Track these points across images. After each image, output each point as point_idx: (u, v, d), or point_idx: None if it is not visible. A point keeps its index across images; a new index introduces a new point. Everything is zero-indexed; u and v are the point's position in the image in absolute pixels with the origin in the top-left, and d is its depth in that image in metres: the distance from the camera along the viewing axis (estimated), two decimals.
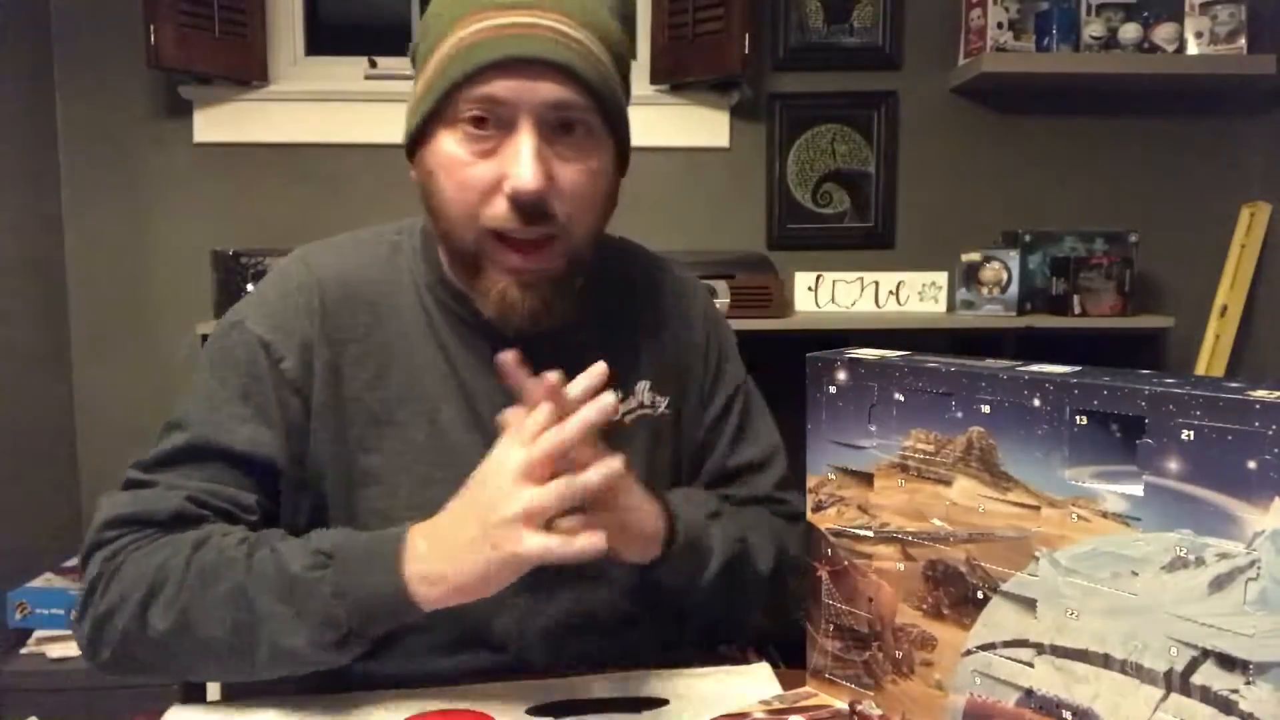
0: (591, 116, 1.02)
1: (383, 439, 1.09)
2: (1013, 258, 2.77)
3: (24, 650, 2.43)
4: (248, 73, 2.82)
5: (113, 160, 2.85)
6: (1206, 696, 0.69)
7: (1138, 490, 0.71)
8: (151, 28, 2.60)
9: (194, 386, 1.09)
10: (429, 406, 1.10)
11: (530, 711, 0.96)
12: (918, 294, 2.85)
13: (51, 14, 2.80)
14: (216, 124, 2.86)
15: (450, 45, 0.99)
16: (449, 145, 1.01)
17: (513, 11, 0.98)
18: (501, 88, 0.97)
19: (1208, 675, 0.69)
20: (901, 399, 0.84)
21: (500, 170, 0.99)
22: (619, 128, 1.08)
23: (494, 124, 0.99)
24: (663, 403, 1.21)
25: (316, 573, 0.93)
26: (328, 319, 1.09)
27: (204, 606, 0.94)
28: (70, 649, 2.41)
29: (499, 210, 1.00)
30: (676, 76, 2.91)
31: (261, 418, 1.06)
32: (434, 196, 1.04)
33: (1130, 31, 2.83)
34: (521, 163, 0.97)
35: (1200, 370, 2.96)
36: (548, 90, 0.98)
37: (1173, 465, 0.70)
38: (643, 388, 1.19)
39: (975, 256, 2.79)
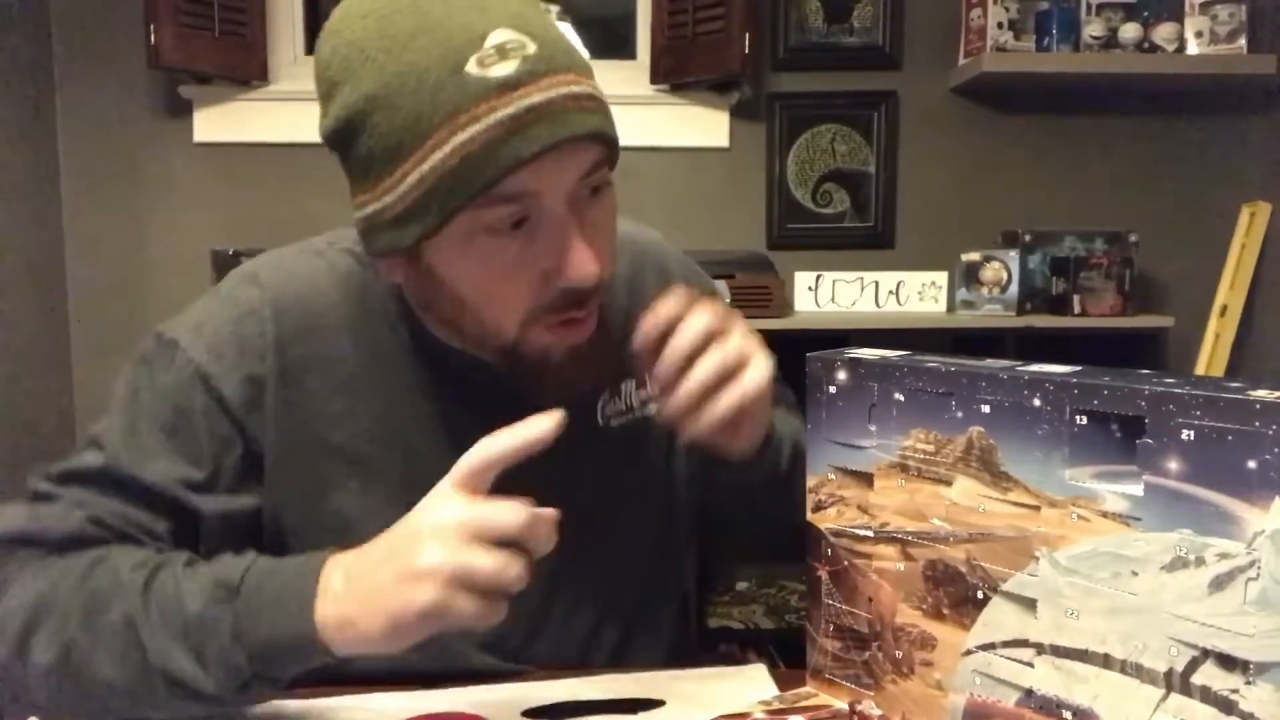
0: (607, 166, 0.92)
1: (351, 479, 1.00)
2: (1013, 258, 2.77)
3: None
4: (248, 72, 2.82)
5: (113, 160, 2.86)
6: (1207, 696, 0.69)
7: (1138, 490, 0.71)
8: (151, 28, 2.61)
9: (117, 403, 0.97)
10: (404, 442, 1.00)
11: (526, 714, 0.96)
12: (918, 294, 2.85)
13: (51, 14, 2.80)
14: (216, 124, 2.87)
15: (453, 147, 0.82)
16: (477, 252, 0.88)
17: (514, 92, 0.82)
18: (533, 180, 0.84)
19: (1208, 675, 0.69)
20: (901, 399, 0.84)
21: (545, 262, 0.88)
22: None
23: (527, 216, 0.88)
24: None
25: (215, 610, 0.81)
26: (285, 351, 0.97)
27: (91, 639, 0.83)
28: None
29: (550, 300, 0.90)
30: (676, 76, 2.92)
31: (185, 455, 0.95)
32: (454, 302, 0.93)
33: (1130, 31, 2.83)
34: (577, 255, 0.87)
35: (1200, 370, 2.96)
36: (580, 163, 0.87)
37: (1173, 465, 0.69)
38: (629, 388, 1.12)
39: (975, 256, 2.79)
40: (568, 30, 2.82)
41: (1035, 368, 0.79)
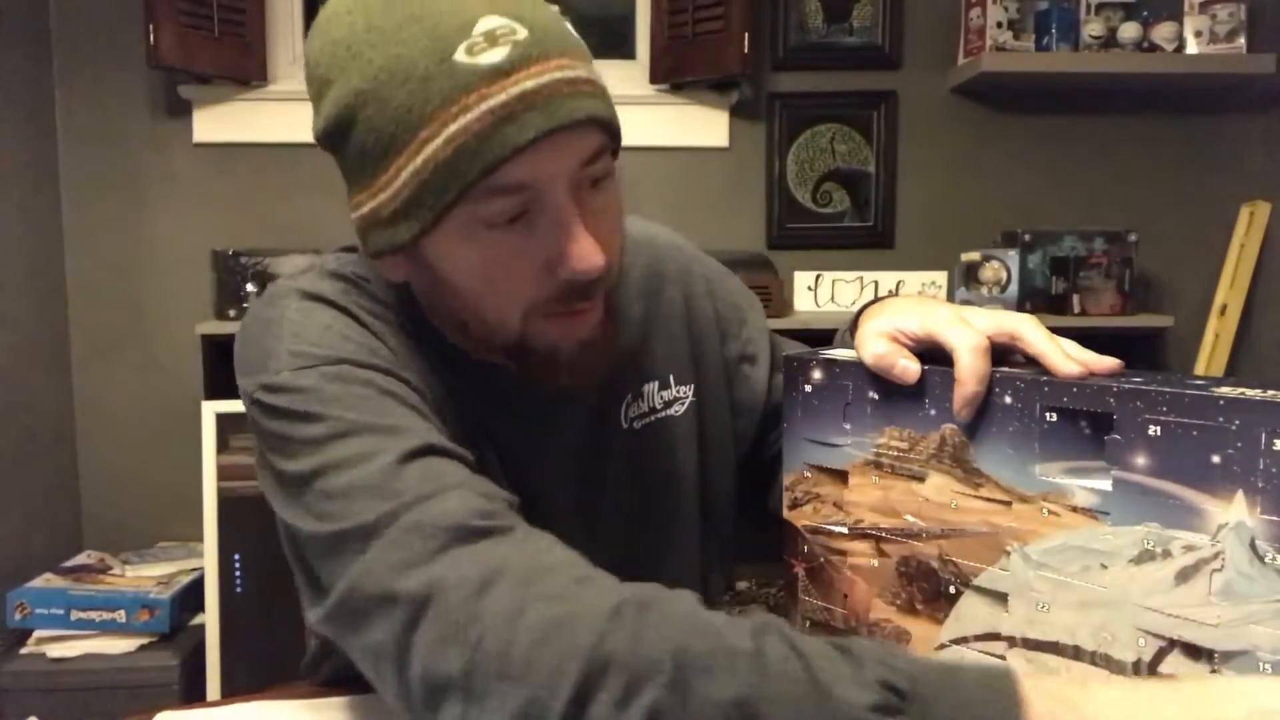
0: (609, 154, 0.89)
1: None
2: (1012, 257, 2.77)
3: (24, 650, 2.44)
4: (247, 72, 2.83)
5: (113, 160, 2.86)
6: None
7: (1106, 485, 0.72)
8: (151, 27, 2.62)
9: (310, 447, 0.82)
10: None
11: None
12: (917, 293, 2.85)
13: (51, 14, 2.82)
14: (216, 124, 2.88)
15: (445, 139, 0.79)
16: (476, 247, 0.85)
17: (506, 79, 0.79)
18: (530, 170, 0.81)
19: (1174, 665, 0.69)
20: (875, 397, 0.85)
21: (544, 252, 0.84)
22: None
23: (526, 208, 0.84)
24: (686, 394, 1.12)
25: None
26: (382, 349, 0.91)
27: (684, 712, 0.61)
28: (69, 649, 2.42)
29: (549, 293, 0.86)
30: (676, 76, 2.92)
31: (431, 423, 0.86)
32: (455, 298, 0.89)
33: (1129, 31, 2.83)
34: (581, 244, 0.83)
35: (1200, 369, 2.96)
36: (579, 150, 0.84)
37: (1140, 460, 0.70)
38: (651, 389, 1.10)
39: (975, 256, 2.79)
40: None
41: (1005, 367, 0.80)
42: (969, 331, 0.79)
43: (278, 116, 2.86)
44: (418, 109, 0.80)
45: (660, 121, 2.98)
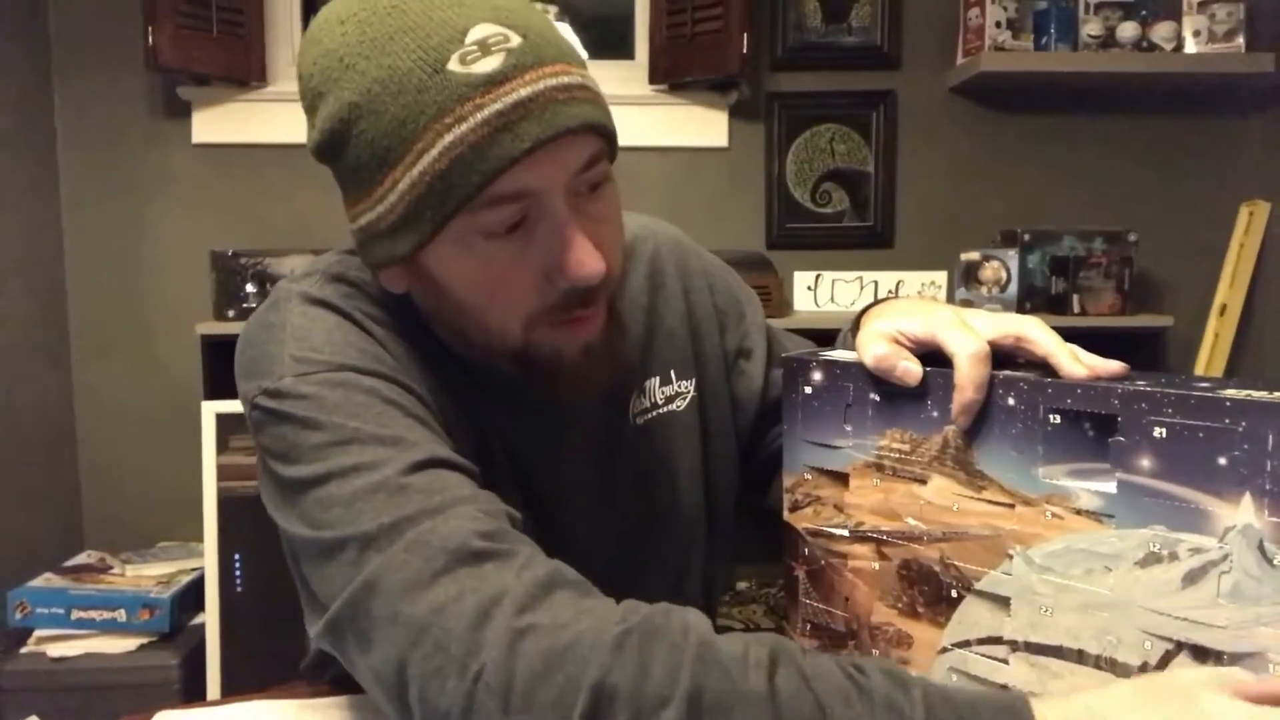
0: (606, 159, 0.88)
1: None
2: (1012, 257, 2.76)
3: (24, 650, 2.44)
4: (246, 73, 2.83)
5: (112, 161, 2.87)
6: None
7: (1111, 488, 0.71)
8: (150, 28, 2.62)
9: (311, 453, 0.81)
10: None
11: None
12: (917, 293, 2.85)
13: (51, 15, 2.81)
14: (215, 124, 2.88)
15: (440, 150, 0.79)
16: (475, 257, 0.84)
17: (499, 88, 0.78)
18: (527, 179, 0.80)
19: (1181, 667, 0.69)
20: (877, 399, 0.84)
21: (544, 260, 0.84)
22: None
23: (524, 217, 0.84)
24: (688, 389, 1.12)
25: None
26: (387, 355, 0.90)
27: None
28: (69, 649, 2.41)
29: (551, 301, 0.86)
30: (675, 76, 2.92)
31: (436, 434, 0.85)
32: (457, 308, 0.88)
33: (1128, 30, 2.83)
34: (579, 252, 0.83)
35: (1200, 369, 2.95)
36: (576, 157, 0.83)
37: (1145, 463, 0.70)
38: (652, 385, 1.09)
39: (974, 256, 2.79)
40: (565, 29, 2.83)
41: (1008, 369, 0.79)
42: (970, 337, 0.79)
43: (277, 117, 2.86)
44: (412, 121, 0.79)
45: (659, 122, 2.98)
